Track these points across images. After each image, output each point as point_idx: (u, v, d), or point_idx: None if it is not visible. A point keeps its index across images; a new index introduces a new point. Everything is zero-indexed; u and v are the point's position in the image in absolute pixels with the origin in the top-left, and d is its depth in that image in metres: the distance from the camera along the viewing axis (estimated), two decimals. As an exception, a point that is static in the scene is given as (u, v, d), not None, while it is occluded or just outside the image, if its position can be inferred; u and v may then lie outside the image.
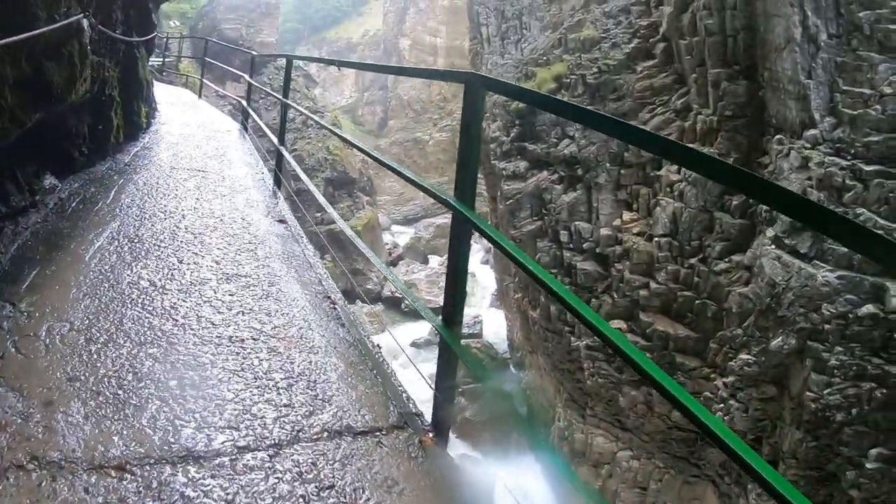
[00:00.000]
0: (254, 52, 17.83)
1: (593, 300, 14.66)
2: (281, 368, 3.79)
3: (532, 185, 16.28)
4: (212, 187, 8.11)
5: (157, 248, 5.52)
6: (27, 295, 4.22)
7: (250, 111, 13.38)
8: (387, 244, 39.40)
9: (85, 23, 5.96)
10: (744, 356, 12.10)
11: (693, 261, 13.25)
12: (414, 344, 27.48)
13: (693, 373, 13.24)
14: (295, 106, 8.66)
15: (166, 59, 28.49)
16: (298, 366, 3.87)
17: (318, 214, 33.43)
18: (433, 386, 3.52)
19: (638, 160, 14.09)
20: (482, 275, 36.69)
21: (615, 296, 14.33)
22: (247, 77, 14.35)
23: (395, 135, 54.70)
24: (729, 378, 12.42)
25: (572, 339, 15.40)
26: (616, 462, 14.89)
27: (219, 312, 4.44)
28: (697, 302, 13.19)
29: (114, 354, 3.63)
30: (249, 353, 3.92)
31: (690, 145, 13.47)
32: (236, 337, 4.10)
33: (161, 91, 18.37)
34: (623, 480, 14.66)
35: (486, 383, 4.14)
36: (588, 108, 3.71)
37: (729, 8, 12.64)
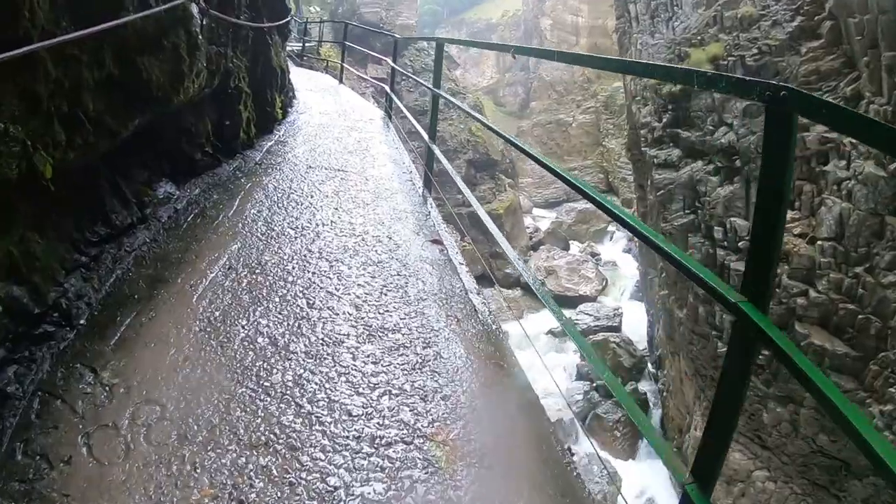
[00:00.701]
0: (396, 35, 17.01)
1: (744, 304, 13.64)
2: (443, 498, 2.85)
3: (685, 176, 15.22)
4: (352, 192, 7.25)
5: (282, 282, 4.60)
6: (114, 356, 3.47)
7: (394, 97, 12.64)
8: (528, 228, 38.88)
9: (194, 8, 5.36)
10: None
11: (859, 270, 11.97)
12: (550, 332, 26.85)
13: (847, 395, 11.97)
14: (446, 96, 7.48)
15: (307, 44, 28.41)
16: (467, 493, 2.92)
17: (460, 196, 33.27)
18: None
19: (802, 152, 12.84)
20: (623, 264, 35.89)
21: (771, 303, 13.24)
22: (389, 61, 13.56)
23: (538, 116, 53.93)
24: (887, 406, 11.35)
25: (719, 344, 14.40)
26: (751, 481, 13.92)
27: (358, 393, 3.50)
28: (860, 317, 11.90)
29: (213, 466, 2.81)
30: (399, 467, 2.99)
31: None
32: (380, 438, 3.17)
33: (301, 77, 17.95)
34: (756, 502, 13.68)
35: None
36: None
37: (905, -18, 11.26)
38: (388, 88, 13.57)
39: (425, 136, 7.88)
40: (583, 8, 54.74)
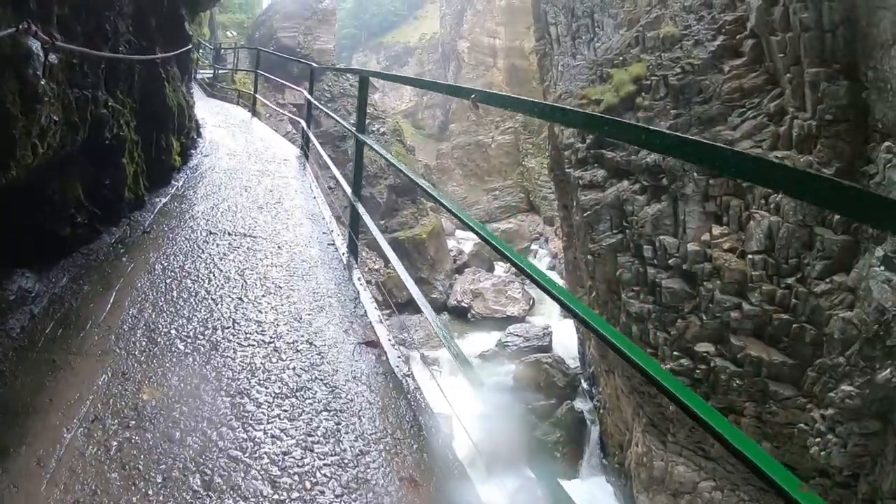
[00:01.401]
0: (312, 64, 15.56)
1: (679, 321, 13.73)
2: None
3: (612, 196, 15.31)
4: (262, 269, 5.84)
5: (167, 443, 3.24)
6: None
7: (310, 134, 11.39)
8: (451, 251, 38.80)
9: (32, 43, 3.72)
10: (846, 387, 11.19)
11: (790, 281, 12.24)
12: (481, 356, 26.76)
13: (787, 402, 12.30)
14: (372, 144, 6.12)
15: (220, 72, 27.59)
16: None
17: (383, 222, 33.07)
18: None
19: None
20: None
21: (704, 317, 13.36)
22: (306, 93, 12.43)
23: (457, 138, 54.09)
24: (828, 410, 11.50)
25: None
26: (698, 492, 13.96)
27: None
28: (795, 326, 12.18)
29: None
30: None
31: (785, 153, 12.74)
32: None
33: (210, 110, 16.90)
34: (705, 512, 13.76)
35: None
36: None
37: (826, 0, 11.60)
38: (303, 124, 12.52)
39: (348, 191, 6.78)
40: (499, 30, 55.35)
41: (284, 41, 37.59)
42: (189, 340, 4.32)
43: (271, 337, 4.55)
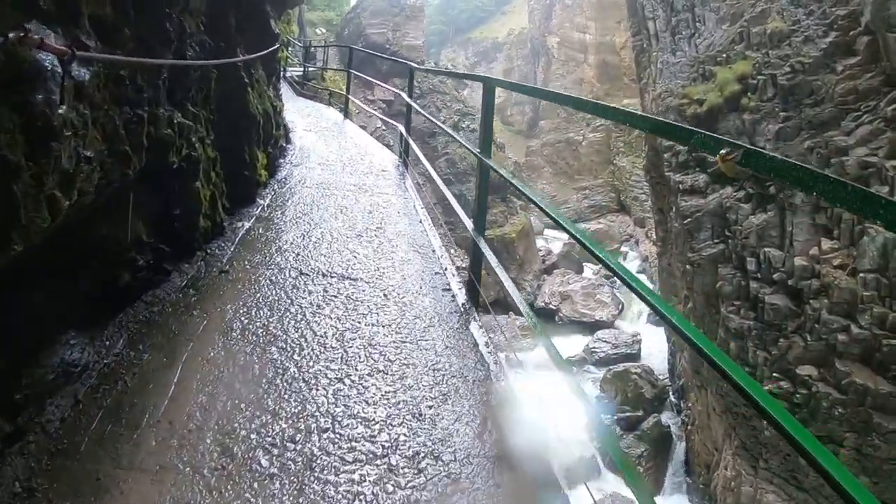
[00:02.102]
0: (412, 64, 13.98)
1: (781, 340, 12.86)
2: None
3: (714, 203, 14.46)
4: (366, 330, 4.73)
5: None
6: None
7: (411, 142, 10.60)
8: (540, 251, 38.22)
9: (43, 57, 2.75)
10: None
11: (905, 304, 11.36)
12: (568, 360, 26.15)
13: (891, 435, 11.41)
14: (502, 172, 5.00)
15: (309, 70, 26.88)
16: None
17: (472, 219, 32.72)
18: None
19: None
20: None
21: (808, 338, 12.47)
22: (405, 96, 11.42)
23: (547, 136, 53.34)
24: (938, 451, 10.60)
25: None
26: (787, 524, 13.23)
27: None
28: (906, 354, 11.30)
29: None
30: None
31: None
32: None
33: (300, 111, 16.33)
34: (793, 544, 12.98)
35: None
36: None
37: (954, -6, 10.61)
38: (402, 130, 11.36)
39: (469, 226, 5.65)
40: (590, 25, 54.40)
41: (373, 38, 37.66)
42: (275, 452, 3.32)
43: (384, 447, 3.46)
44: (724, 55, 15.16)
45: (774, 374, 12.98)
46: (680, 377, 21.90)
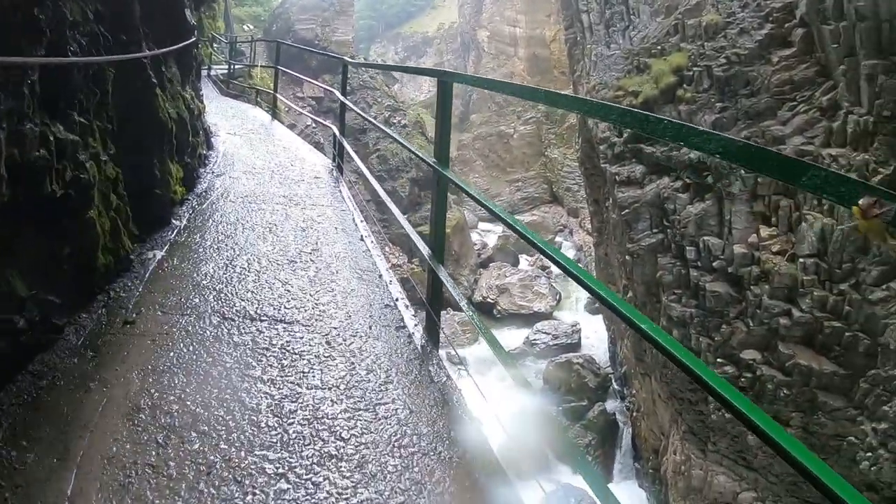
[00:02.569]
0: (345, 59, 12.46)
1: (724, 326, 13.12)
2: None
3: (651, 194, 14.63)
4: (309, 399, 3.75)
5: None
6: None
7: (346, 144, 9.55)
8: (475, 244, 38.31)
9: None
10: None
11: (844, 287, 11.58)
12: (509, 354, 26.30)
13: (836, 413, 11.77)
14: (460, 183, 4.21)
15: (235, 68, 25.55)
16: None
17: (406, 216, 32.62)
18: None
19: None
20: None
21: (750, 323, 12.75)
22: (339, 94, 10.54)
23: (478, 129, 53.32)
24: (881, 424, 11.03)
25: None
26: (738, 503, 13.48)
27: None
28: (847, 334, 11.55)
29: None
30: None
31: (838, 150, 12.12)
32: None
33: (225, 112, 15.25)
34: (745, 523, 13.27)
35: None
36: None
37: (883, -13, 10.89)
38: (336, 131, 10.45)
39: (425, 252, 4.75)
40: (520, 19, 54.65)
41: (302, 33, 37.21)
42: None
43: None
44: (659, 47, 15.35)
45: (719, 360, 13.22)
46: (622, 364, 22.21)
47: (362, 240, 6.88)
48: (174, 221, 6.69)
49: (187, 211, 7.18)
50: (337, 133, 10.31)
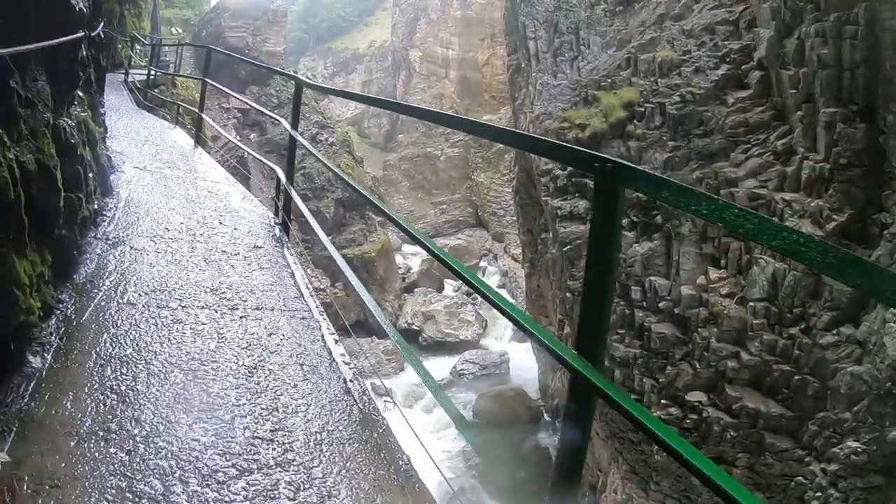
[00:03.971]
0: (301, 77, 9.79)
1: (669, 368, 12.99)
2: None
3: (595, 230, 14.48)
4: None
5: None
6: None
7: (295, 196, 6.96)
8: (399, 268, 37.86)
9: None
10: (852, 443, 10.79)
11: (794, 331, 11.64)
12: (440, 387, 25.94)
13: (784, 454, 11.77)
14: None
15: (157, 75, 21.79)
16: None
17: (330, 237, 32.01)
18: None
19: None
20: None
21: (697, 365, 12.66)
22: (286, 124, 7.55)
23: (405, 150, 53.21)
24: (831, 465, 11.04)
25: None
26: (680, 543, 13.39)
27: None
28: (797, 378, 11.61)
29: None
30: None
31: (792, 195, 12.12)
32: None
33: (136, 135, 11.92)
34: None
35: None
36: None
37: (848, 37, 10.92)
38: (281, 176, 7.50)
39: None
40: (454, 41, 54.94)
41: (232, 41, 36.14)
42: None
43: None
44: (609, 80, 15.25)
45: (663, 401, 13.10)
46: (553, 397, 22.03)
47: (348, 392, 4.08)
48: (29, 359, 3.67)
49: (55, 332, 4.06)
50: (283, 179, 7.39)
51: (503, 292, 35.77)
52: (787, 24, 11.91)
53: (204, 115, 12.82)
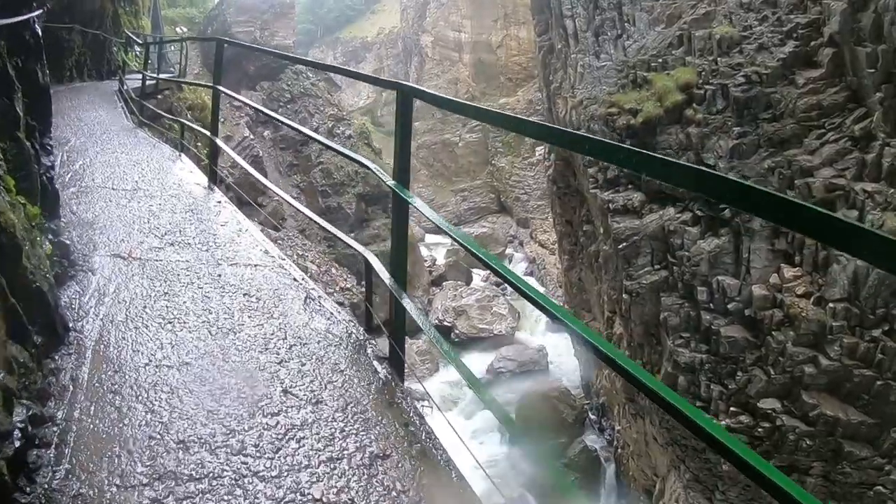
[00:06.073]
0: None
1: (739, 373, 12.37)
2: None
3: (653, 225, 13.70)
4: None
5: None
6: None
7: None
8: (425, 261, 37.30)
9: None
10: None
11: (876, 333, 11.01)
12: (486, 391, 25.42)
13: (862, 462, 11.30)
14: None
15: (157, 79, 17.79)
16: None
17: (352, 235, 31.46)
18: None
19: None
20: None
21: (771, 371, 12.04)
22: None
23: (422, 137, 52.54)
24: (916, 474, 10.68)
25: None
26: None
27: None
28: (879, 383, 11.05)
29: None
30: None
31: (873, 185, 11.46)
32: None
33: (122, 175, 8.47)
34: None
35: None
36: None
37: (932, 10, 10.24)
38: (383, 272, 4.41)
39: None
40: (465, 24, 54.56)
41: (240, 37, 35.39)
42: None
43: None
44: (660, 60, 14.44)
45: (732, 409, 12.51)
46: (598, 395, 21.49)
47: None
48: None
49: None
50: (382, 274, 4.42)
51: (532, 280, 35.21)
52: (862, -4, 11.19)
53: (218, 141, 8.82)
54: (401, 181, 4.07)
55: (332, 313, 4.97)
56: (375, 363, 4.17)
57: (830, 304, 11.39)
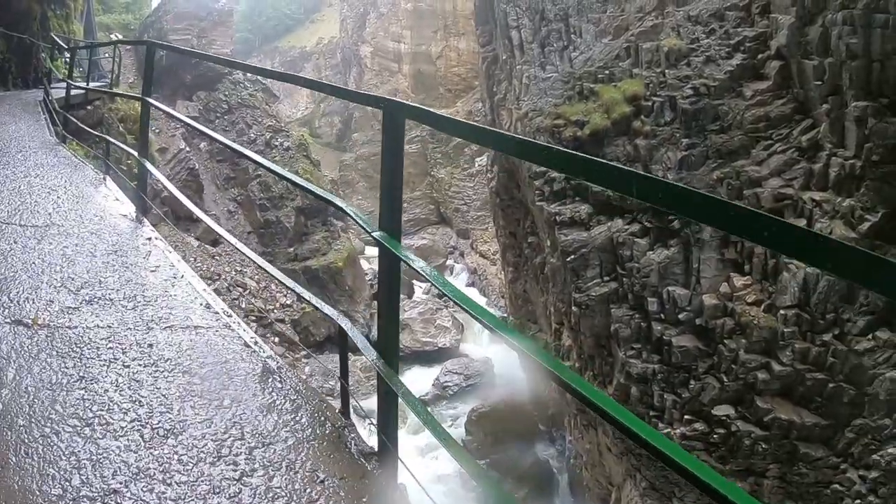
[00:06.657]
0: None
1: (692, 382, 12.56)
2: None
3: (602, 237, 13.82)
4: None
5: None
6: None
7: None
8: (366, 274, 37.02)
9: None
10: (893, 449, 10.80)
11: (827, 337, 11.35)
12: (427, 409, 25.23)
13: (818, 463, 11.67)
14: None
15: (83, 90, 15.96)
16: None
17: (291, 249, 31.14)
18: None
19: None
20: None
21: (724, 378, 12.25)
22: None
23: (361, 149, 52.33)
24: (871, 472, 11.05)
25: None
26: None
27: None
28: (831, 385, 11.44)
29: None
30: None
31: (820, 194, 11.74)
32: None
33: (33, 207, 7.00)
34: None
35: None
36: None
37: (878, 26, 10.55)
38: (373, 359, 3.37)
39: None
40: (405, 34, 54.54)
41: (176, 44, 35.00)
42: None
43: None
44: (607, 72, 14.61)
45: (686, 417, 12.68)
46: (547, 406, 21.55)
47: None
48: None
49: None
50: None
51: (473, 291, 35.24)
52: (809, 11, 11.48)
53: (147, 164, 7.24)
54: (389, 230, 3.01)
55: (297, 390, 3.88)
56: (362, 461, 3.24)
57: (781, 311, 11.69)
